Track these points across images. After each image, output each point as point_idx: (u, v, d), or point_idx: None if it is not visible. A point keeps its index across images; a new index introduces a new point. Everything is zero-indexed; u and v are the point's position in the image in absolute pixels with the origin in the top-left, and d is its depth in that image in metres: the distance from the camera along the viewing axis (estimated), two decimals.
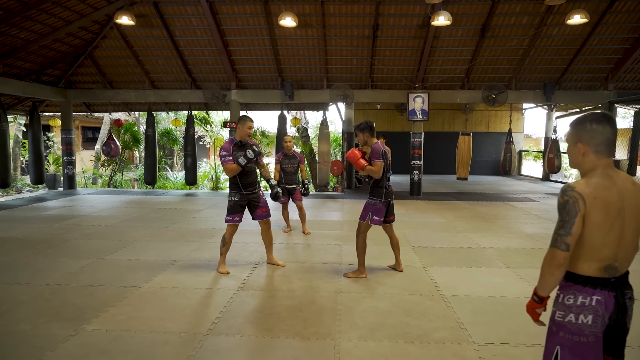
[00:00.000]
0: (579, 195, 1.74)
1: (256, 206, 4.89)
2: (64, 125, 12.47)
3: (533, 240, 6.47)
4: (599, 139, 1.80)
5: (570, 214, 1.75)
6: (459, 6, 9.59)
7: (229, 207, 4.80)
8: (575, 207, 1.74)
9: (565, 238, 1.76)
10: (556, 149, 13.07)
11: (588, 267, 1.79)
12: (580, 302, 1.79)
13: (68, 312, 3.65)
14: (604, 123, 1.80)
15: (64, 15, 9.59)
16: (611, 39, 10.27)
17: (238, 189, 4.79)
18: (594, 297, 1.77)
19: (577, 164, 1.89)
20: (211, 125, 16.99)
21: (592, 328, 1.77)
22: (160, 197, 11.22)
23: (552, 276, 1.81)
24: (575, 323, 1.79)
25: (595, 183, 1.77)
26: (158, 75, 12.03)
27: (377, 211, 4.58)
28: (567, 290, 1.84)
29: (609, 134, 1.80)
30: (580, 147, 1.84)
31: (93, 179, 16.29)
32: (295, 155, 6.96)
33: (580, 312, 1.78)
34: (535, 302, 1.95)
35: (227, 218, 4.79)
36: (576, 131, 1.87)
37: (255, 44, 10.84)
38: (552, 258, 1.79)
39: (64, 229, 7.04)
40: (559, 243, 1.77)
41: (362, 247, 4.68)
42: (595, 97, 11.44)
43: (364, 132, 4.57)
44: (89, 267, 4.96)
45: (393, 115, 17.84)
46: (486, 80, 11.52)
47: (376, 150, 4.48)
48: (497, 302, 4.00)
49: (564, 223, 1.77)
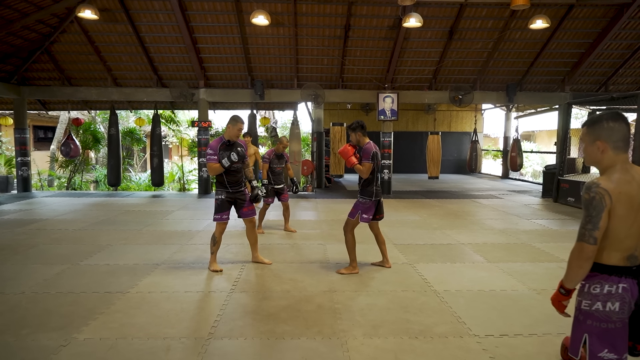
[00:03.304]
0: (605, 191, 1.82)
1: (242, 204, 4.88)
2: (17, 124, 11.74)
3: (507, 235, 6.72)
4: (617, 135, 1.88)
5: (597, 209, 1.82)
6: (429, 9, 9.81)
7: (216, 205, 4.77)
8: (602, 203, 1.82)
9: (593, 232, 1.83)
10: (518, 147, 13.64)
11: (613, 257, 1.88)
12: (607, 291, 1.87)
13: (54, 322, 3.43)
14: (620, 121, 1.89)
15: (20, 7, 9.02)
16: (568, 44, 10.84)
17: (224, 187, 4.78)
18: (620, 284, 1.86)
19: (596, 161, 1.96)
20: (177, 125, 16.53)
21: (620, 314, 1.86)
22: (126, 199, 10.78)
23: (580, 269, 1.89)
24: (603, 311, 1.87)
25: (618, 179, 1.85)
26: (121, 73, 11.55)
27: (367, 210, 4.68)
28: (593, 280, 1.92)
29: (625, 130, 1.89)
30: (600, 145, 1.91)
31: (49, 181, 15.44)
32: (284, 156, 6.90)
33: (608, 300, 1.87)
34: (562, 295, 2.01)
35: (216, 217, 4.76)
36: (594, 130, 1.94)
37: (225, 41, 10.63)
38: (581, 251, 1.86)
39: (27, 233, 6.63)
40: (587, 237, 1.84)
41: (352, 243, 4.75)
42: (553, 99, 12.04)
43: (356, 131, 4.61)
44: (66, 273, 4.69)
45: (359, 114, 18.02)
46: (452, 82, 11.86)
47: (367, 152, 4.54)
48: (488, 295, 4.12)
49: (591, 218, 1.84)
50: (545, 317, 3.54)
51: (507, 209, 9.19)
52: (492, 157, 21.78)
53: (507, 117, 16.70)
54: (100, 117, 17.00)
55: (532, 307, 3.83)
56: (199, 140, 11.70)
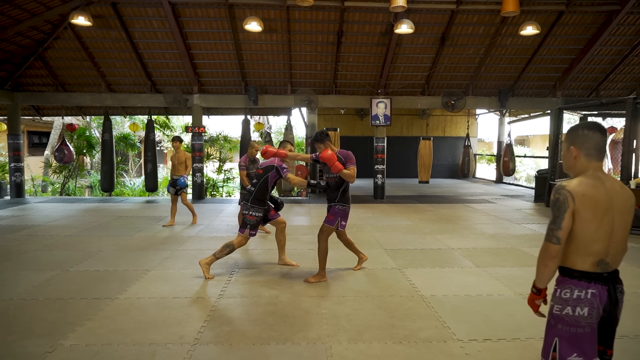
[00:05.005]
0: (569, 193, 1.89)
1: (267, 212, 5.12)
2: (10, 129, 11.75)
3: (497, 240, 6.77)
4: (589, 143, 1.96)
5: (561, 210, 1.90)
6: (421, 15, 9.91)
7: (254, 222, 4.82)
8: (565, 204, 1.89)
9: (556, 232, 1.90)
10: (510, 152, 13.73)
11: (582, 262, 1.92)
12: (576, 296, 1.92)
13: (40, 328, 3.44)
14: (595, 130, 1.97)
15: (14, 14, 9.07)
16: (559, 49, 10.95)
17: (262, 205, 4.89)
18: (589, 290, 1.90)
19: (570, 166, 2.04)
20: (171, 130, 16.55)
21: (588, 319, 1.90)
22: (119, 204, 10.79)
23: (546, 267, 1.95)
24: (573, 315, 1.91)
25: (585, 183, 1.93)
26: (115, 78, 11.59)
27: (345, 216, 4.75)
28: (564, 285, 1.97)
29: (599, 139, 1.96)
30: (573, 151, 2.00)
31: (43, 187, 15.41)
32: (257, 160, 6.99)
33: (577, 305, 1.91)
34: (534, 294, 2.07)
35: (252, 232, 4.83)
36: (570, 136, 2.03)
37: (218, 48, 10.70)
38: (545, 251, 1.94)
39: (19, 240, 6.63)
40: (551, 237, 1.92)
41: (325, 251, 4.72)
42: (545, 104, 12.15)
43: (324, 141, 4.60)
44: (55, 279, 4.70)
45: (353, 120, 18.13)
46: (445, 87, 11.95)
47: (351, 156, 4.58)
48: (474, 300, 4.16)
49: (555, 218, 1.92)
50: (530, 322, 3.57)
51: (499, 214, 9.24)
52: (487, 161, 21.88)
53: (501, 121, 16.81)
54: (96, 122, 17.01)
55: (517, 311, 3.86)
56: (192, 145, 11.72)
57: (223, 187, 16.13)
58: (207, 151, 15.46)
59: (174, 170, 7.84)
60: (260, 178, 4.81)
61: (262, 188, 4.81)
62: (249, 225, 4.78)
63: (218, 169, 16.07)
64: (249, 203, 4.83)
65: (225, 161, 16.24)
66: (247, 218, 4.81)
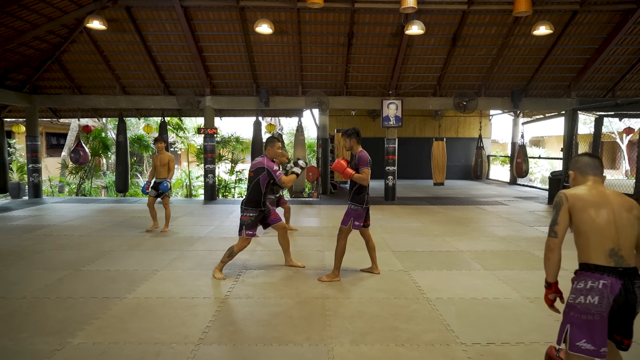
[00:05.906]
0: (563, 194, 2.30)
1: (268, 215, 5.08)
2: (29, 131, 12.02)
3: (507, 242, 6.71)
4: (580, 163, 2.42)
5: (557, 208, 2.29)
6: (432, 16, 9.86)
7: (249, 222, 4.81)
8: (561, 203, 2.29)
9: (554, 227, 2.28)
10: (523, 154, 13.56)
11: (597, 256, 2.17)
12: (589, 286, 2.16)
13: (50, 326, 3.53)
14: (585, 155, 2.43)
15: (31, 19, 9.27)
16: (573, 49, 10.78)
17: (258, 206, 4.86)
18: (600, 281, 2.13)
19: (572, 186, 2.43)
20: (184, 132, 16.74)
21: (598, 307, 2.11)
22: (133, 205, 10.96)
23: (548, 260, 2.31)
24: (584, 303, 2.15)
25: (579, 188, 2.35)
26: (129, 81, 11.78)
27: (359, 217, 4.75)
28: (580, 278, 2.23)
29: (587, 159, 2.40)
30: (571, 174, 2.45)
31: (60, 187, 15.72)
32: None
33: (589, 294, 2.14)
34: (546, 289, 2.38)
35: (248, 232, 4.81)
36: (570, 165, 2.52)
37: (230, 50, 10.79)
38: (547, 244, 2.32)
39: (34, 239, 6.79)
40: (550, 232, 2.30)
41: (342, 251, 4.79)
42: (559, 105, 11.97)
43: (351, 137, 4.68)
44: (67, 278, 4.81)
45: (366, 121, 18.08)
46: (457, 88, 11.86)
47: (364, 158, 4.60)
48: (479, 303, 4.13)
49: (553, 215, 2.29)
50: (535, 326, 3.54)
51: (511, 216, 9.14)
52: (501, 162, 21.63)
53: (515, 122, 16.60)
54: (112, 123, 17.29)
55: (524, 315, 3.83)
56: (205, 147, 11.85)
57: (235, 187, 16.26)
58: (219, 152, 15.60)
59: (157, 172, 7.53)
60: (252, 181, 4.82)
61: (255, 190, 4.80)
62: (244, 226, 4.80)
63: (230, 170, 16.20)
64: (243, 206, 4.87)
65: (237, 162, 16.36)
66: (242, 219, 4.84)
